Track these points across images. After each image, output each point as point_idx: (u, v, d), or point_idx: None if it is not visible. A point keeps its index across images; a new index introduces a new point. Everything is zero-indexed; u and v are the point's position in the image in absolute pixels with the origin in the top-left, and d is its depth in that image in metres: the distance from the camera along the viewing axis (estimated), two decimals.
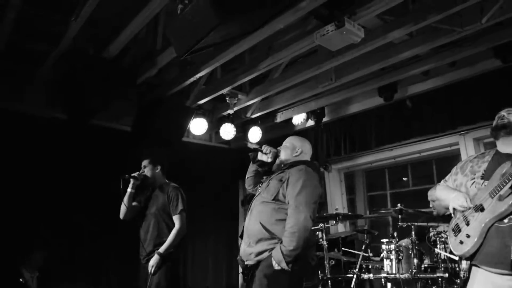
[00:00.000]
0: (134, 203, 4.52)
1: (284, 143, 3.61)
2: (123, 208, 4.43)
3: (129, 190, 4.43)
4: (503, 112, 2.70)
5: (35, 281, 5.00)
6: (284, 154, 3.53)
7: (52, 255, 5.30)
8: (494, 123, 2.72)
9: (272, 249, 3.03)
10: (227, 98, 6.23)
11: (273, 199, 3.19)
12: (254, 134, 6.83)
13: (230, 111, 6.39)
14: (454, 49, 4.80)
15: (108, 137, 6.14)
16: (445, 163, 6.35)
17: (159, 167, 4.57)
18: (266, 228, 3.10)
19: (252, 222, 3.22)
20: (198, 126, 6.41)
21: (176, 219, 4.32)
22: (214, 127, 6.88)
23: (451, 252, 3.92)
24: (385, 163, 7.02)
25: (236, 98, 6.25)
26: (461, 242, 2.53)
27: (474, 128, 5.44)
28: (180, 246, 4.38)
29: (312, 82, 5.78)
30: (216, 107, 6.85)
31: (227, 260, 7.46)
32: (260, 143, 4.52)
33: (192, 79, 5.37)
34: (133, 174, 4.45)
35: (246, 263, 3.20)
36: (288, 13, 3.80)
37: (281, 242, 2.99)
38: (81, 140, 5.79)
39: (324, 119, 6.77)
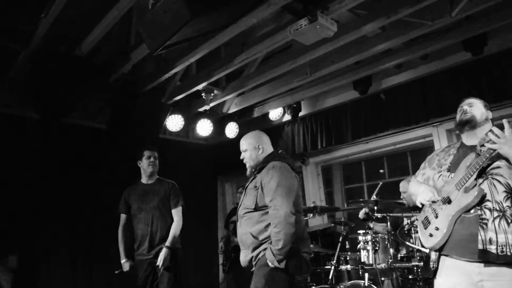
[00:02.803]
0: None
1: (242, 148, 3.48)
2: None
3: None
4: (465, 106, 2.71)
5: (9, 284, 4.91)
6: (250, 159, 3.43)
7: (27, 259, 5.22)
8: (458, 117, 2.73)
9: (266, 249, 3.08)
10: (203, 94, 6.21)
11: (254, 208, 3.20)
12: (231, 130, 6.83)
13: (207, 107, 6.38)
14: (425, 43, 4.90)
15: (83, 135, 6.06)
16: (419, 155, 6.45)
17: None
18: (256, 237, 3.15)
19: (243, 232, 3.25)
20: (174, 123, 6.39)
21: (176, 212, 4.42)
22: (190, 124, 6.85)
23: (421, 245, 4.02)
24: (361, 155, 7.08)
25: (212, 94, 6.24)
26: (431, 235, 2.56)
27: (446, 119, 5.53)
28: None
29: (288, 77, 5.82)
30: (192, 103, 6.82)
31: (207, 255, 7.45)
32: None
33: (167, 75, 5.35)
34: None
35: (252, 270, 3.23)
36: (262, 8, 3.82)
37: (271, 242, 3.04)
38: (55, 139, 5.70)
39: (300, 113, 6.81)
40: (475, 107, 2.68)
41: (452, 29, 4.65)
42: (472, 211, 2.40)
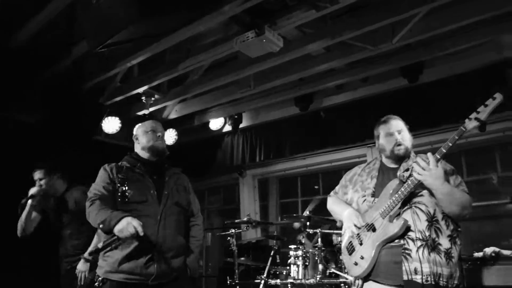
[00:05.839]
0: (34, 215, 4.04)
1: (161, 129, 3.11)
2: (21, 227, 3.97)
3: (27, 209, 3.95)
4: (397, 134, 2.66)
5: None
6: (164, 144, 3.13)
7: None
8: (391, 147, 2.65)
9: (185, 260, 2.91)
10: (143, 98, 6.04)
11: (189, 211, 3.05)
12: (170, 136, 6.67)
13: (146, 111, 6.21)
14: (366, 66, 5.07)
15: (14, 129, 5.69)
16: None
17: (58, 174, 4.14)
18: (185, 240, 2.94)
19: (172, 233, 2.81)
20: (110, 125, 6.17)
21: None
22: (130, 127, 6.64)
23: (346, 272, 4.10)
24: (298, 171, 7.20)
25: (152, 98, 6.08)
26: (356, 264, 2.58)
27: None
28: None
29: (232, 88, 5.81)
30: (132, 106, 6.63)
31: None
32: None
33: (108, 75, 5.17)
34: (31, 193, 3.93)
35: (159, 281, 2.71)
36: (210, 16, 3.78)
37: (192, 252, 2.96)
38: None
39: (241, 125, 6.82)
40: (405, 135, 2.68)
41: (392, 55, 4.84)
42: (396, 240, 2.45)
